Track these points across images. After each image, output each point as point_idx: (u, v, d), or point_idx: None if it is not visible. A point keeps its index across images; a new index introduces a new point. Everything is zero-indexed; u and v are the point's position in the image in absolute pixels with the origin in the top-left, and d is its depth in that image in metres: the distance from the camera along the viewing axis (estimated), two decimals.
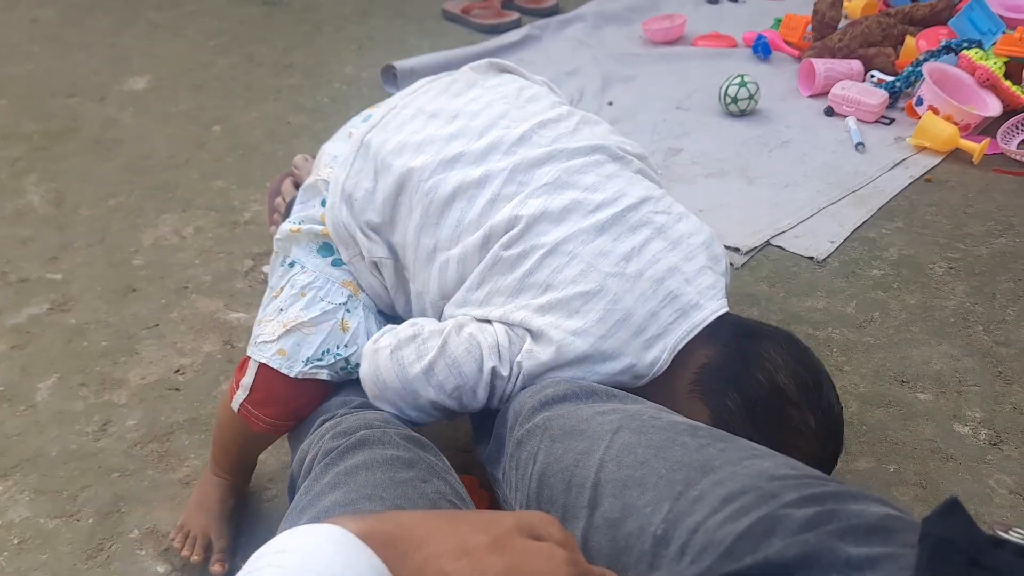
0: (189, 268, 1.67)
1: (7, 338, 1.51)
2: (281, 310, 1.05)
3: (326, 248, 1.10)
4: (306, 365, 1.03)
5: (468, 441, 1.21)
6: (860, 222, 1.76)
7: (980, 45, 2.14)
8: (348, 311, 1.06)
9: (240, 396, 1.06)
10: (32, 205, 1.88)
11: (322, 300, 1.06)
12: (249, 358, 1.06)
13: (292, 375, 1.03)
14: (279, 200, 1.35)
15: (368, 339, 1.02)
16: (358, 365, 1.03)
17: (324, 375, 1.04)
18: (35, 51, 2.63)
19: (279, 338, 1.04)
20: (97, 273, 1.67)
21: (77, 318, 1.55)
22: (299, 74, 2.45)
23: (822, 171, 1.93)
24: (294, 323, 1.03)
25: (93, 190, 1.93)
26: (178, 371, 1.43)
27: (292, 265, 1.09)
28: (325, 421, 0.99)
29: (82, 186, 1.94)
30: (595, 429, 0.78)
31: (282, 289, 1.07)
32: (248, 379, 1.05)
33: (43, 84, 2.42)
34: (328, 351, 1.04)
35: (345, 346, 1.05)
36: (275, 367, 1.03)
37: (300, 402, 1.06)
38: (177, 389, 1.39)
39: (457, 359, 0.92)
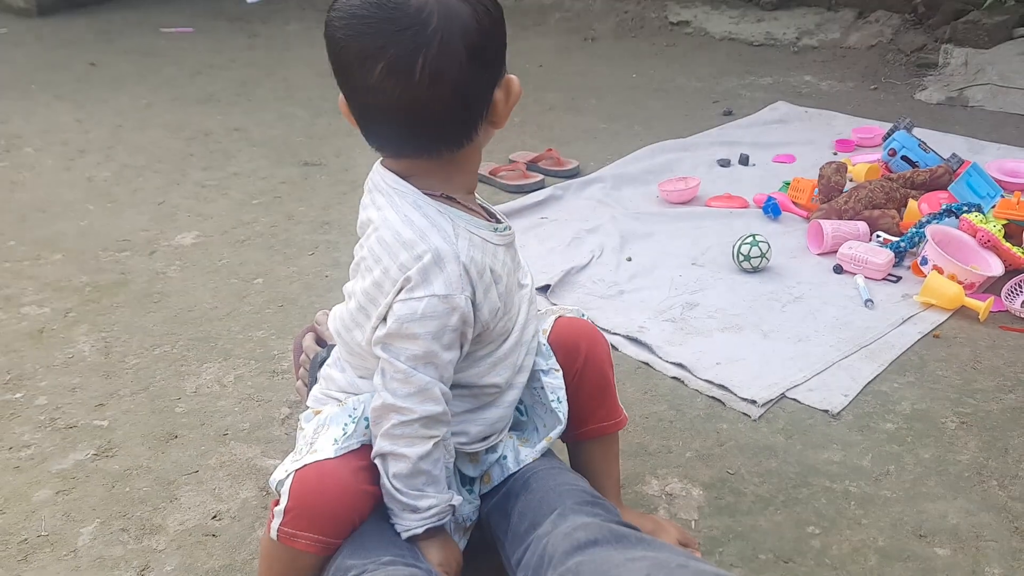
0: (228, 415, 1.75)
1: (53, 483, 1.58)
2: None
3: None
4: (335, 444, 1.12)
5: None
6: (872, 376, 1.82)
7: (980, 209, 2.27)
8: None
9: (276, 522, 1.11)
10: (82, 354, 1.99)
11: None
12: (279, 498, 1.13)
13: (334, 455, 1.11)
14: (303, 357, 1.46)
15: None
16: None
17: (355, 443, 1.13)
18: (89, 208, 2.81)
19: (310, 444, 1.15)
20: (141, 420, 1.75)
21: (120, 464, 1.62)
22: (335, 231, 2.60)
23: (834, 326, 2.01)
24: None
25: (139, 340, 2.04)
26: (215, 517, 1.48)
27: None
28: None
29: (129, 336, 2.05)
30: None
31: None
32: (283, 501, 1.11)
33: (95, 239, 2.58)
34: (347, 419, 1.15)
35: (354, 409, 1.16)
36: (312, 460, 1.11)
37: (337, 509, 1.12)
38: (214, 535, 1.44)
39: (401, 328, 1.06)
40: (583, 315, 1.40)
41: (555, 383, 1.30)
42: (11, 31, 5.22)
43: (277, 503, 1.13)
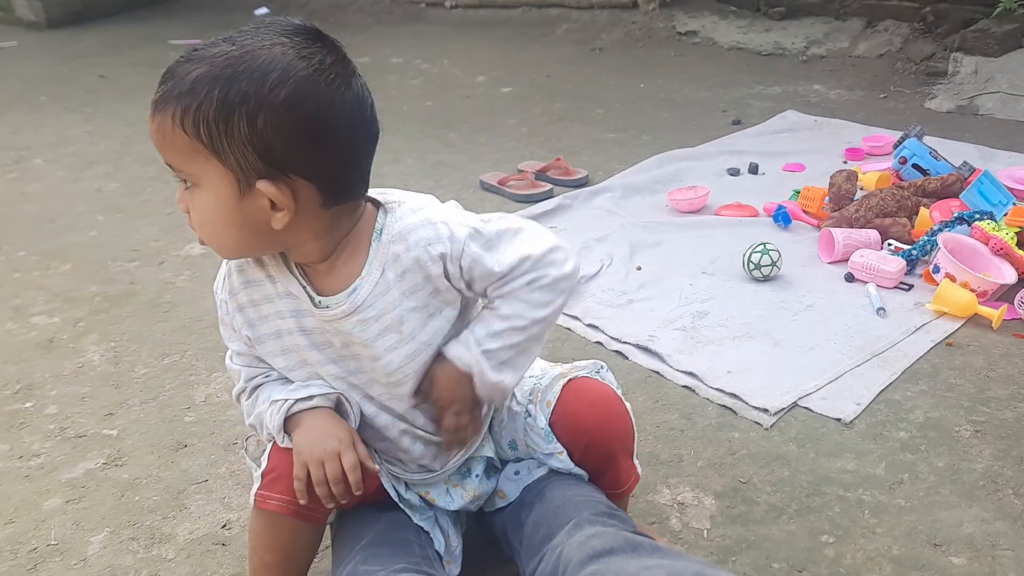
0: (238, 424, 1.75)
1: (63, 492, 1.58)
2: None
3: None
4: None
5: None
6: (885, 384, 1.81)
7: (992, 216, 2.25)
8: None
9: (255, 488, 1.13)
10: (91, 364, 1.99)
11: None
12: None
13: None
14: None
15: None
16: None
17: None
18: (99, 219, 2.82)
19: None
20: (150, 429, 1.75)
21: (130, 473, 1.62)
22: None
23: (845, 334, 2.00)
24: None
25: (149, 350, 2.04)
26: (225, 526, 1.48)
27: None
28: None
29: (139, 346, 2.05)
30: None
31: None
32: (263, 465, 1.14)
33: (105, 250, 2.59)
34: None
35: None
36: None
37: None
38: (224, 544, 1.43)
39: None
40: (600, 370, 1.32)
41: (558, 465, 1.26)
42: (21, 44, 5.26)
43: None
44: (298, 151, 0.97)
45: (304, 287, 1.11)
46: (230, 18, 5.70)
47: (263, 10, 5.76)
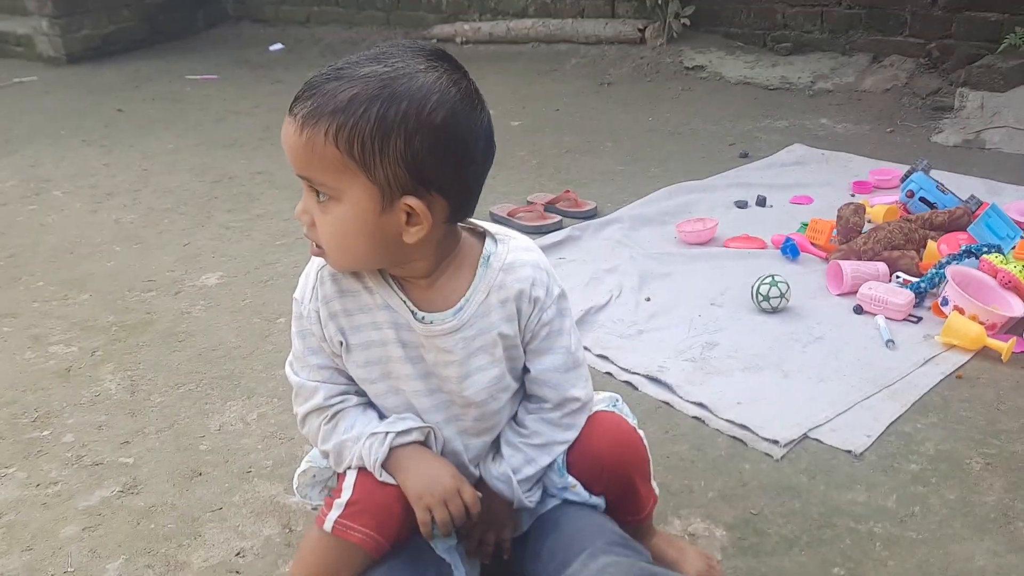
0: (252, 453, 1.76)
1: (79, 520, 1.59)
2: None
3: None
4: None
5: None
6: (895, 417, 1.82)
7: (1000, 249, 2.27)
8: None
9: (334, 514, 1.16)
10: (108, 392, 2.02)
11: None
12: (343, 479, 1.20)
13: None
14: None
15: None
16: None
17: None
18: (116, 250, 2.86)
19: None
20: (166, 457, 1.77)
21: (145, 501, 1.64)
22: None
23: (855, 366, 2.01)
24: None
25: (164, 378, 2.06)
26: (239, 554, 1.49)
27: None
28: None
29: (155, 375, 2.08)
30: None
31: None
32: (346, 493, 1.17)
33: (122, 280, 2.62)
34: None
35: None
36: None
37: (395, 507, 1.17)
38: (238, 572, 1.45)
39: None
40: (615, 403, 1.35)
41: (573, 497, 1.29)
42: (41, 79, 5.35)
43: (334, 493, 1.18)
44: (445, 170, 1.04)
45: (404, 301, 1.16)
46: (245, 54, 5.80)
47: (278, 46, 5.86)
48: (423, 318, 1.16)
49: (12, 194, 3.41)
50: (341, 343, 1.18)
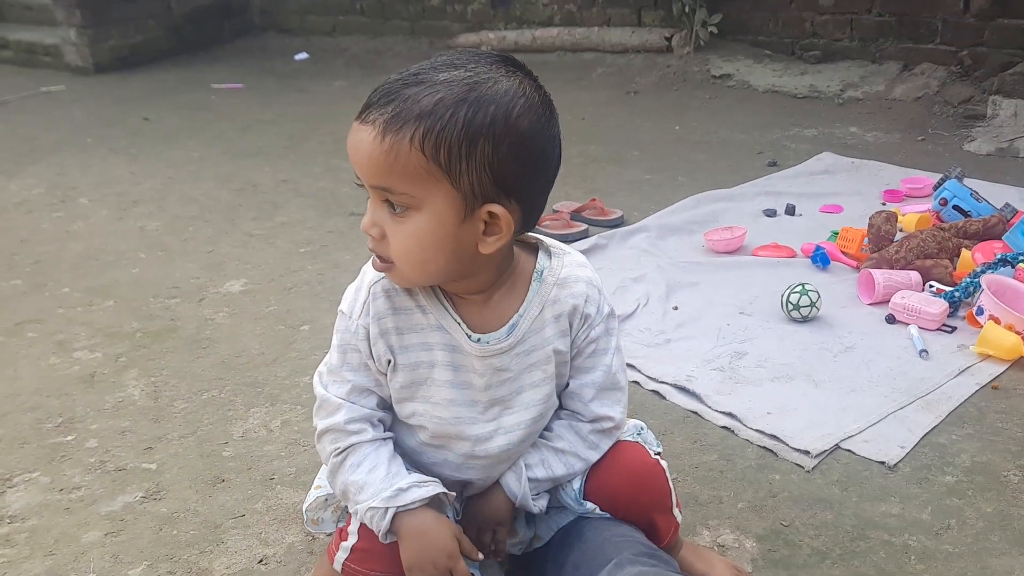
0: (275, 460, 1.75)
1: (102, 525, 1.58)
2: None
3: None
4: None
5: None
6: (929, 428, 1.77)
7: None
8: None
9: (342, 556, 1.16)
10: (132, 398, 2.01)
11: None
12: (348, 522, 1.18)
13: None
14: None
15: None
16: None
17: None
18: (141, 257, 2.87)
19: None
20: (189, 463, 1.76)
21: (168, 507, 1.63)
22: None
23: (888, 376, 1.96)
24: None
25: (188, 385, 2.06)
26: (262, 561, 1.47)
27: None
28: None
29: (178, 381, 2.07)
30: None
31: None
32: (352, 538, 1.16)
33: (147, 287, 2.63)
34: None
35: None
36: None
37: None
38: None
39: None
40: (640, 432, 1.31)
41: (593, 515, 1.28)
42: (69, 88, 5.41)
43: (342, 533, 1.18)
44: (526, 177, 1.01)
45: (459, 323, 1.13)
46: (271, 63, 5.83)
47: (303, 55, 5.89)
48: (478, 339, 1.13)
49: (39, 202, 3.44)
50: (389, 361, 1.15)
